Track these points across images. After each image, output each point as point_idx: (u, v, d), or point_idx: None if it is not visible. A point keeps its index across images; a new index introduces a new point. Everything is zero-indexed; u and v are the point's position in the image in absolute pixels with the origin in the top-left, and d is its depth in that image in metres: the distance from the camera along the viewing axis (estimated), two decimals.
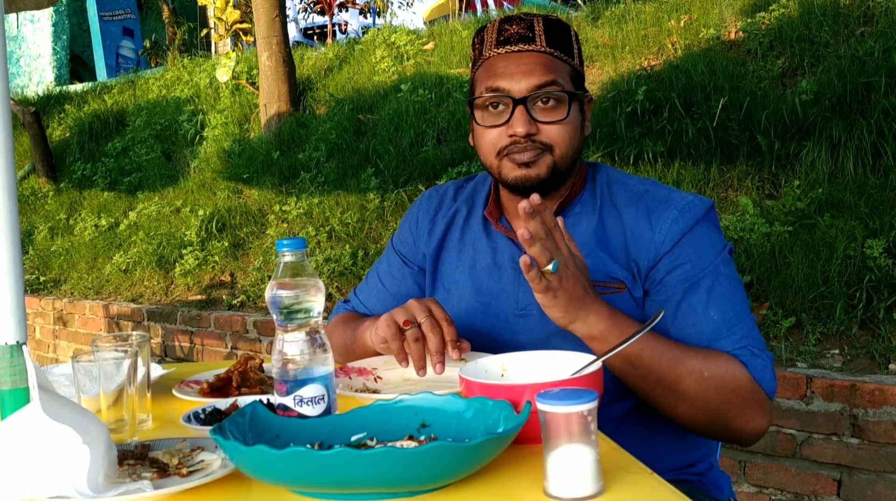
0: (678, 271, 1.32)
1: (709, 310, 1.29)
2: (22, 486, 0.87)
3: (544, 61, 1.35)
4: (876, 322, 2.76)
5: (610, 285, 1.34)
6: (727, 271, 1.32)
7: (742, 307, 1.31)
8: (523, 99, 1.33)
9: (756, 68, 4.06)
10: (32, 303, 6.05)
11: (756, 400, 1.26)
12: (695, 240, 1.33)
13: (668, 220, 1.33)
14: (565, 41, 1.39)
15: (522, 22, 1.38)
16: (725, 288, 1.31)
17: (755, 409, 1.26)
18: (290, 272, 1.05)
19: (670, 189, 1.40)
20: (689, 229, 1.33)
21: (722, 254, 1.34)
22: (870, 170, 3.26)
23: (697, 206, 1.35)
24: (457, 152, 4.80)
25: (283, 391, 1.04)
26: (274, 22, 6.28)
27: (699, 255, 1.32)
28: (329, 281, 4.46)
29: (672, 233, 1.33)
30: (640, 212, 1.36)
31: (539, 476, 0.87)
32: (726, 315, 1.29)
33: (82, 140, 8.11)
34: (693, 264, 1.31)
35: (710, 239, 1.34)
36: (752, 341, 1.28)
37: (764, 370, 1.27)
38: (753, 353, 1.27)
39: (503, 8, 8.75)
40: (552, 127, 1.35)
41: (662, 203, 1.35)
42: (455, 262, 1.52)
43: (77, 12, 13.54)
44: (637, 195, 1.39)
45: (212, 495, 0.90)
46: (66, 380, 1.41)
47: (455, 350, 1.26)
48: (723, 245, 1.35)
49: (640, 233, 1.35)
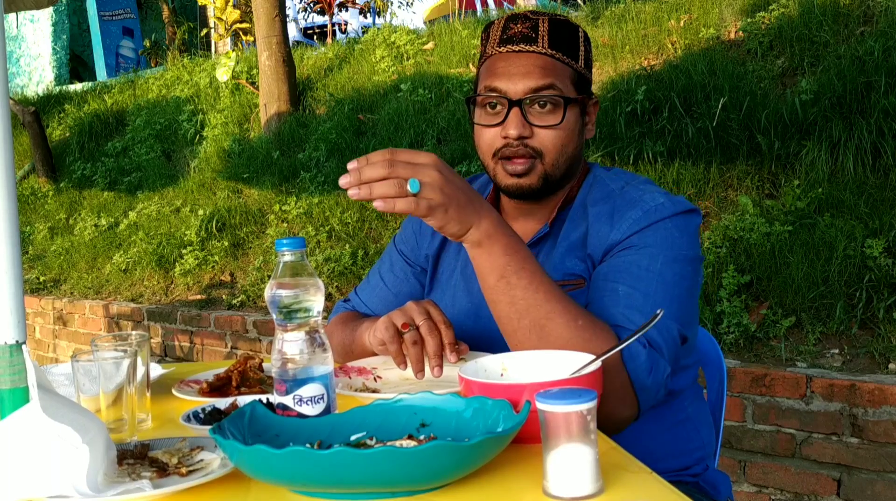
0: (619, 253, 1.28)
1: (618, 284, 1.24)
2: (21, 485, 0.87)
3: (544, 63, 1.34)
4: (876, 322, 2.76)
5: (569, 283, 1.33)
6: (665, 271, 1.24)
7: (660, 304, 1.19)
8: (519, 101, 1.32)
9: (756, 68, 4.06)
10: (32, 303, 6.05)
11: (616, 379, 1.15)
12: (647, 233, 1.28)
13: (629, 220, 1.30)
14: (570, 43, 1.37)
15: (528, 21, 1.37)
16: (650, 279, 1.23)
17: (614, 390, 1.15)
18: (290, 272, 1.05)
19: (647, 190, 1.35)
20: (648, 226, 1.28)
21: (673, 253, 1.26)
22: (870, 170, 3.26)
23: (667, 207, 1.30)
24: (457, 152, 4.80)
25: (282, 390, 1.04)
26: (274, 21, 6.28)
27: (644, 243, 1.27)
28: (329, 281, 4.46)
29: (630, 230, 1.29)
30: (604, 209, 1.34)
31: (538, 476, 0.87)
32: (632, 296, 1.22)
33: (82, 140, 8.11)
34: (634, 249, 1.27)
35: (668, 235, 1.27)
36: (649, 336, 1.19)
37: (637, 359, 1.17)
38: (640, 342, 1.17)
39: (503, 7, 8.75)
40: (545, 132, 1.34)
41: (629, 203, 1.32)
42: (452, 262, 1.52)
43: (77, 12, 13.54)
44: (608, 194, 1.37)
45: (211, 494, 0.90)
46: (66, 380, 1.41)
47: (453, 353, 1.26)
48: (682, 247, 1.27)
49: (600, 229, 1.33)
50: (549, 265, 1.37)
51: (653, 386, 1.19)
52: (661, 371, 1.19)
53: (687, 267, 1.28)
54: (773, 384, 2.64)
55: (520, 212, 1.46)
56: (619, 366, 1.16)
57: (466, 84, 5.44)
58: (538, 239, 1.42)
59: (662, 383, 1.20)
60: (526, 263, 1.15)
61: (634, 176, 1.42)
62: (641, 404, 1.20)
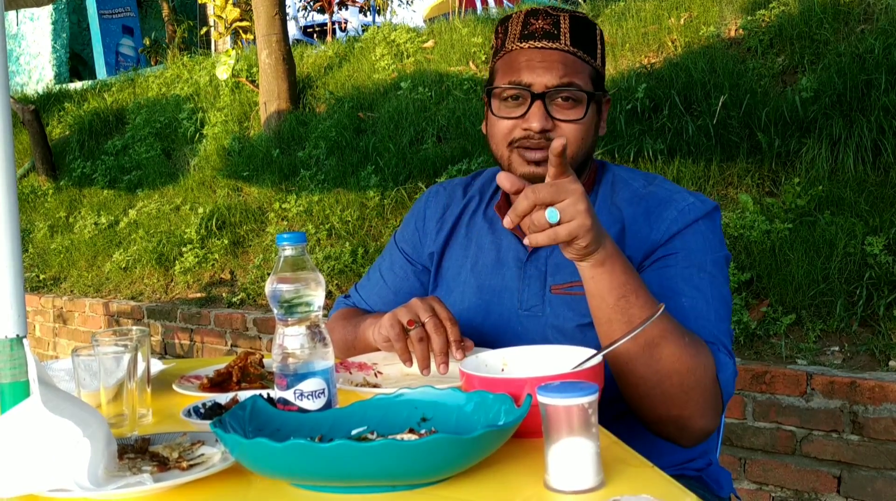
0: (666, 259, 1.32)
1: (680, 297, 1.28)
2: (22, 480, 0.87)
3: (567, 60, 1.35)
4: (876, 319, 2.76)
5: None
6: (713, 271, 1.31)
7: (717, 308, 1.28)
8: (542, 94, 1.33)
9: (756, 66, 4.06)
10: (32, 301, 6.05)
11: (713, 394, 1.22)
12: (688, 237, 1.33)
13: (667, 220, 1.34)
14: (590, 41, 1.38)
15: (549, 17, 1.37)
16: (704, 283, 1.29)
17: (710, 403, 1.22)
18: (291, 267, 1.05)
19: (673, 189, 1.39)
20: (686, 226, 1.33)
21: (713, 255, 1.32)
22: (870, 167, 3.26)
23: (698, 207, 1.35)
24: (456, 150, 4.80)
25: (283, 385, 1.04)
26: (274, 20, 6.28)
27: (687, 249, 1.32)
28: (329, 279, 4.46)
29: (669, 231, 1.33)
30: (639, 210, 1.37)
31: (540, 469, 0.86)
32: (697, 307, 1.27)
33: (82, 138, 8.10)
34: (681, 256, 1.31)
35: (705, 238, 1.33)
36: (721, 340, 1.26)
37: (726, 369, 1.24)
38: (720, 350, 1.24)
39: (503, 7, 8.75)
40: (567, 126, 1.34)
41: (662, 203, 1.36)
42: (460, 259, 1.52)
43: (77, 10, 13.54)
44: (639, 196, 1.39)
45: (212, 488, 0.90)
46: (66, 375, 1.40)
47: (459, 350, 1.25)
48: (718, 249, 1.34)
49: (638, 230, 1.35)
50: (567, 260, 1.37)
51: (732, 393, 1.26)
52: (733, 377, 1.26)
53: (725, 268, 1.35)
54: (773, 382, 2.64)
55: None
56: (716, 382, 1.22)
57: (466, 82, 5.44)
58: None
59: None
60: (641, 282, 1.18)
61: (646, 173, 1.45)
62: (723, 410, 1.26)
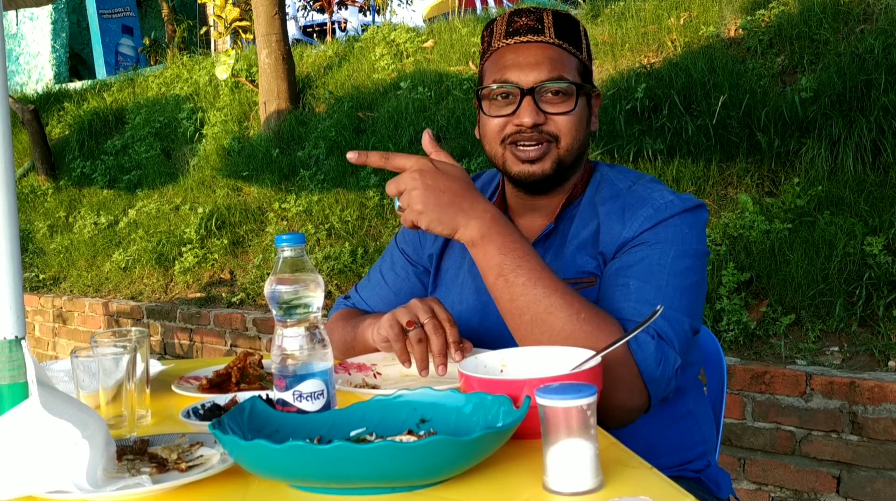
0: (631, 249, 1.30)
1: (629, 279, 1.25)
2: (21, 481, 0.87)
3: (553, 53, 1.35)
4: (875, 319, 2.76)
5: (582, 281, 1.34)
6: (675, 265, 1.26)
7: (672, 295, 1.22)
8: (531, 90, 1.33)
9: (756, 66, 4.06)
10: (32, 301, 6.05)
11: (625, 370, 1.16)
12: (658, 230, 1.29)
13: (640, 217, 1.31)
14: (574, 35, 1.39)
15: (532, 14, 1.38)
16: (661, 274, 1.24)
17: (623, 380, 1.16)
18: (290, 267, 1.05)
19: (655, 188, 1.36)
20: (659, 222, 1.30)
21: (683, 247, 1.28)
22: (869, 167, 3.26)
23: (675, 204, 1.31)
24: (456, 150, 4.80)
25: (282, 386, 1.04)
26: (273, 20, 6.28)
27: (655, 240, 1.28)
28: (328, 279, 4.46)
29: (641, 228, 1.30)
30: (615, 208, 1.35)
31: (538, 471, 0.86)
32: (644, 292, 1.23)
33: (81, 138, 8.10)
34: (645, 245, 1.28)
35: (677, 231, 1.29)
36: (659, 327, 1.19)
37: (646, 350, 1.17)
38: (649, 333, 1.18)
39: (503, 6, 8.74)
40: (559, 118, 1.35)
41: (639, 201, 1.34)
42: (458, 260, 1.52)
43: (76, 10, 13.53)
44: (617, 192, 1.38)
45: (211, 490, 0.89)
46: (65, 376, 1.40)
47: (458, 352, 1.25)
48: (690, 243, 1.29)
49: (611, 227, 1.34)
50: (559, 263, 1.37)
51: (662, 377, 1.20)
52: (670, 363, 1.20)
53: (696, 262, 1.30)
54: (772, 382, 2.64)
55: (526, 208, 1.46)
56: (626, 357, 1.17)
57: (466, 82, 5.44)
58: (545, 236, 1.42)
59: (672, 374, 1.21)
60: (524, 260, 1.16)
61: (640, 174, 1.44)
62: (652, 395, 1.20)
